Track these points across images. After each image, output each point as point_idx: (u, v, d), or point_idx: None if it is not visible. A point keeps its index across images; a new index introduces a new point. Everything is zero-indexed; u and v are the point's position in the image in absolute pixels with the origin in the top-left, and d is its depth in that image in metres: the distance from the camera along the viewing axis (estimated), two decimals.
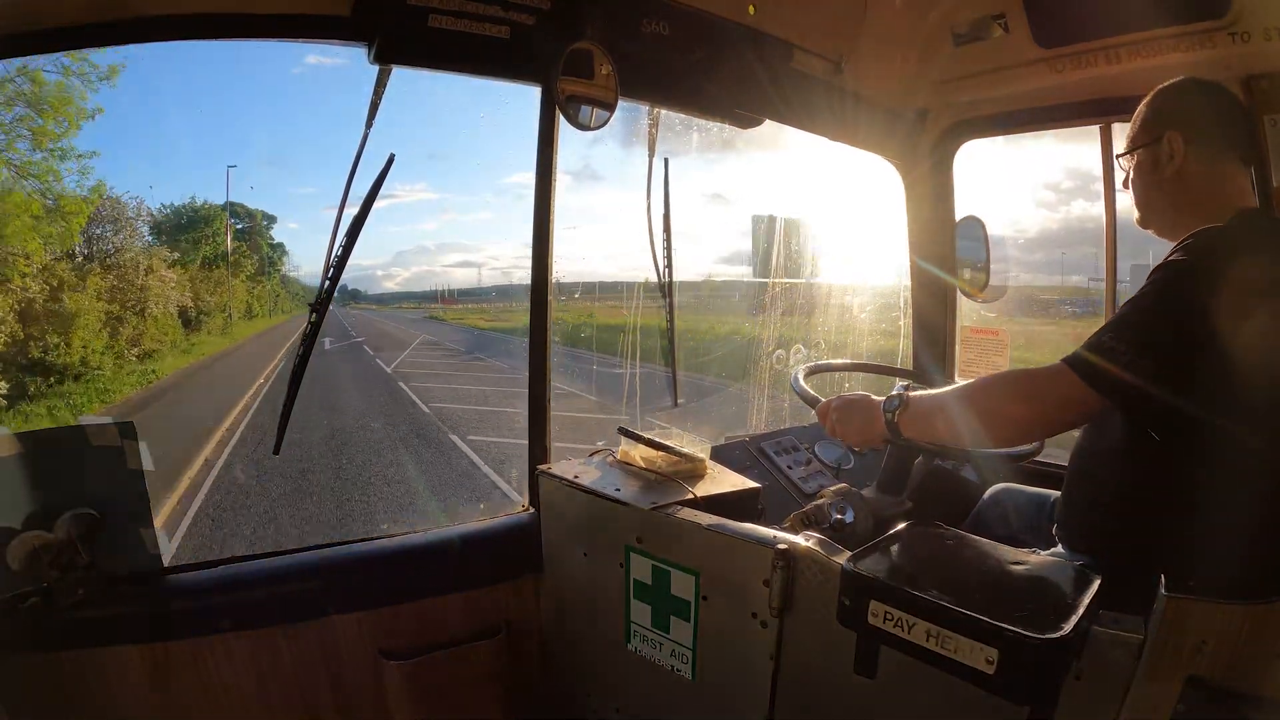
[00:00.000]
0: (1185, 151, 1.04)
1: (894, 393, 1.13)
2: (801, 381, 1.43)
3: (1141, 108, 1.11)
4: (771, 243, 2.79)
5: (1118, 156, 1.15)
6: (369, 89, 1.22)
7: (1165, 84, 1.10)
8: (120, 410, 10.05)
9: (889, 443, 1.20)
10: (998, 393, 1.05)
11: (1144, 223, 1.14)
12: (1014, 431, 1.06)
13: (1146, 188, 1.10)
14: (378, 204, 1.23)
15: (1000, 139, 1.88)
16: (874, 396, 1.17)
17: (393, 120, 1.25)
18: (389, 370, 13.15)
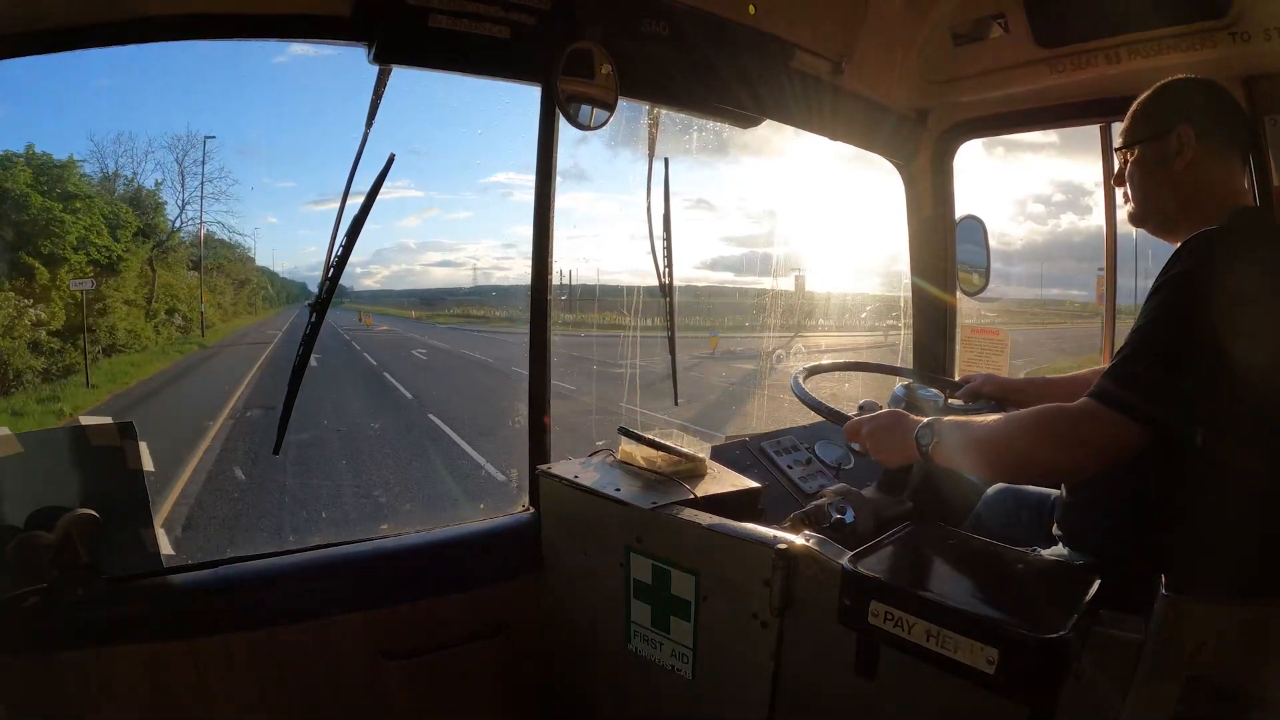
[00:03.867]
0: (1197, 146, 1.03)
1: (925, 421, 1.08)
2: (801, 383, 1.43)
3: (1142, 102, 1.10)
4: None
5: (1117, 150, 1.14)
6: (348, 83, 1.21)
7: (1168, 80, 1.09)
8: None
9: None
10: (1036, 439, 0.98)
11: (1140, 220, 1.12)
12: (1058, 477, 1.05)
13: (1150, 183, 1.09)
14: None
15: (991, 147, 1.88)
16: (904, 415, 1.13)
17: (382, 117, 1.22)
18: None
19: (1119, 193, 1.15)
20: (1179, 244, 1.00)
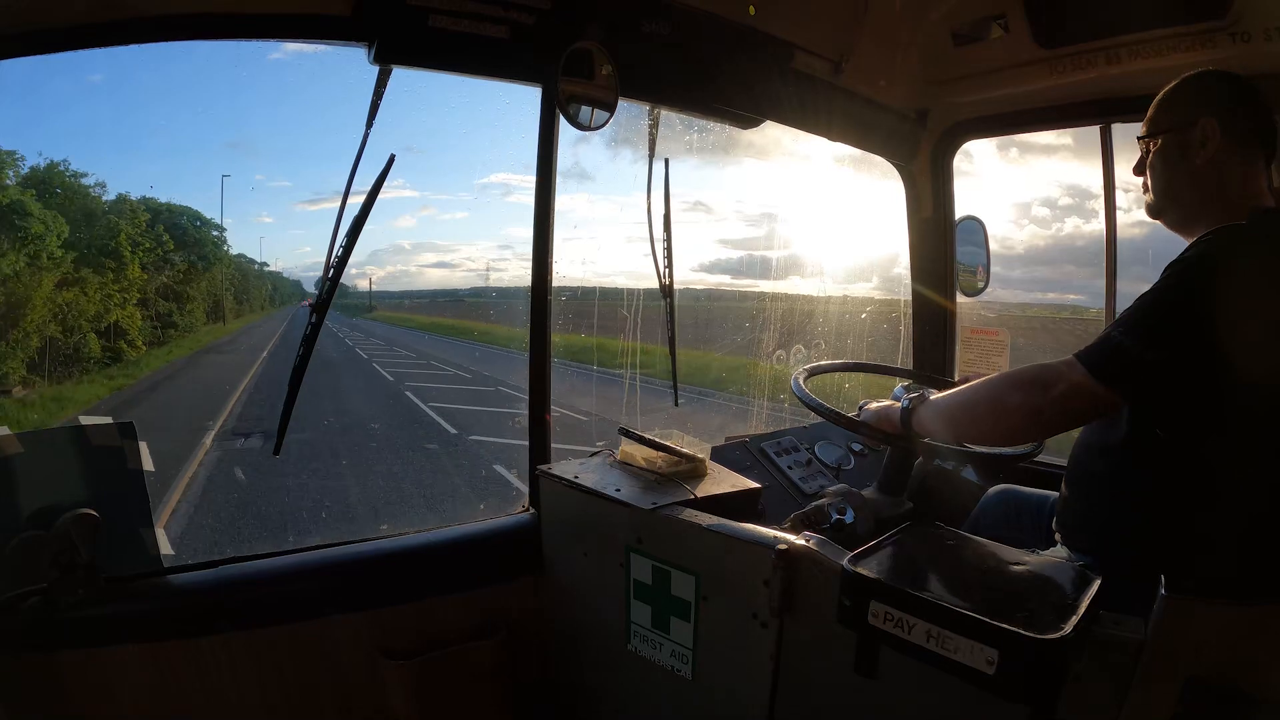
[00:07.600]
0: (1221, 140, 1.02)
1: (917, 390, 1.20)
2: (802, 384, 1.43)
3: (1168, 91, 1.09)
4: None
5: (1140, 138, 1.13)
6: (348, 83, 1.21)
7: (1196, 71, 1.09)
8: None
9: (900, 438, 1.23)
10: (1008, 385, 1.05)
11: (1157, 211, 1.11)
12: (1020, 421, 1.05)
13: (1171, 174, 1.08)
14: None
15: (1004, 149, 1.89)
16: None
17: (379, 117, 1.23)
18: None
19: (1139, 182, 1.14)
20: (1194, 238, 1.00)
